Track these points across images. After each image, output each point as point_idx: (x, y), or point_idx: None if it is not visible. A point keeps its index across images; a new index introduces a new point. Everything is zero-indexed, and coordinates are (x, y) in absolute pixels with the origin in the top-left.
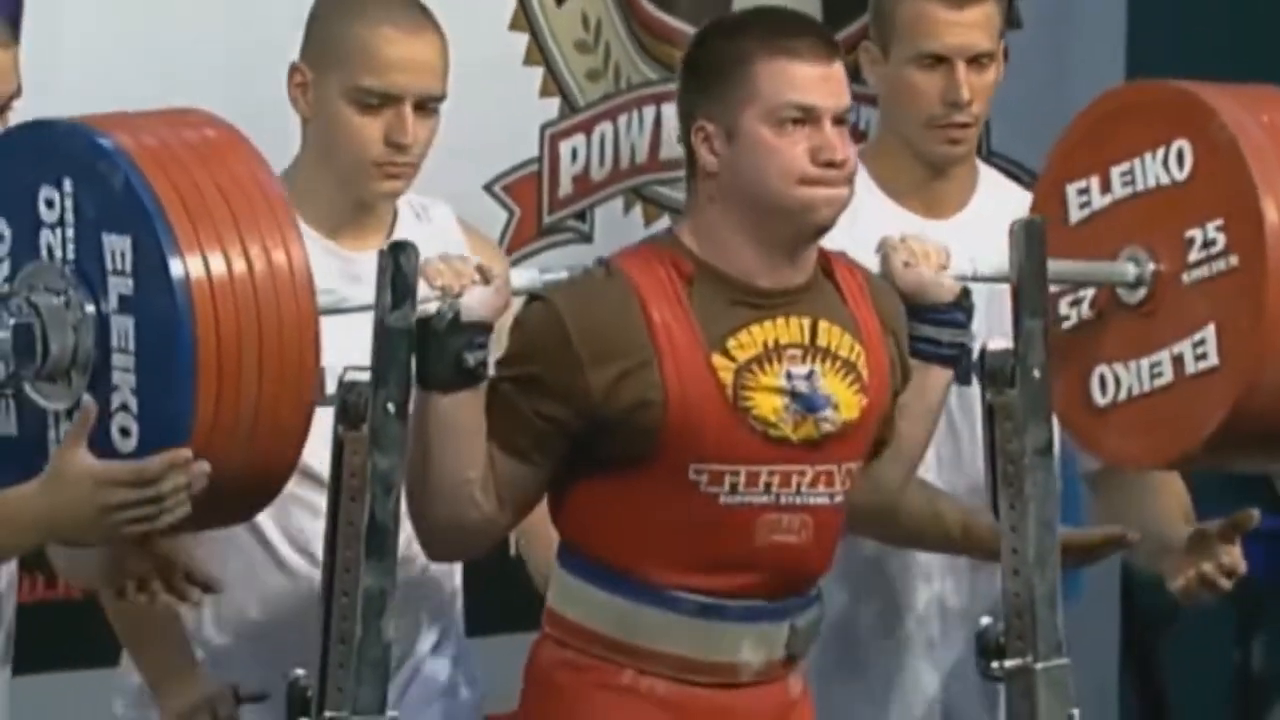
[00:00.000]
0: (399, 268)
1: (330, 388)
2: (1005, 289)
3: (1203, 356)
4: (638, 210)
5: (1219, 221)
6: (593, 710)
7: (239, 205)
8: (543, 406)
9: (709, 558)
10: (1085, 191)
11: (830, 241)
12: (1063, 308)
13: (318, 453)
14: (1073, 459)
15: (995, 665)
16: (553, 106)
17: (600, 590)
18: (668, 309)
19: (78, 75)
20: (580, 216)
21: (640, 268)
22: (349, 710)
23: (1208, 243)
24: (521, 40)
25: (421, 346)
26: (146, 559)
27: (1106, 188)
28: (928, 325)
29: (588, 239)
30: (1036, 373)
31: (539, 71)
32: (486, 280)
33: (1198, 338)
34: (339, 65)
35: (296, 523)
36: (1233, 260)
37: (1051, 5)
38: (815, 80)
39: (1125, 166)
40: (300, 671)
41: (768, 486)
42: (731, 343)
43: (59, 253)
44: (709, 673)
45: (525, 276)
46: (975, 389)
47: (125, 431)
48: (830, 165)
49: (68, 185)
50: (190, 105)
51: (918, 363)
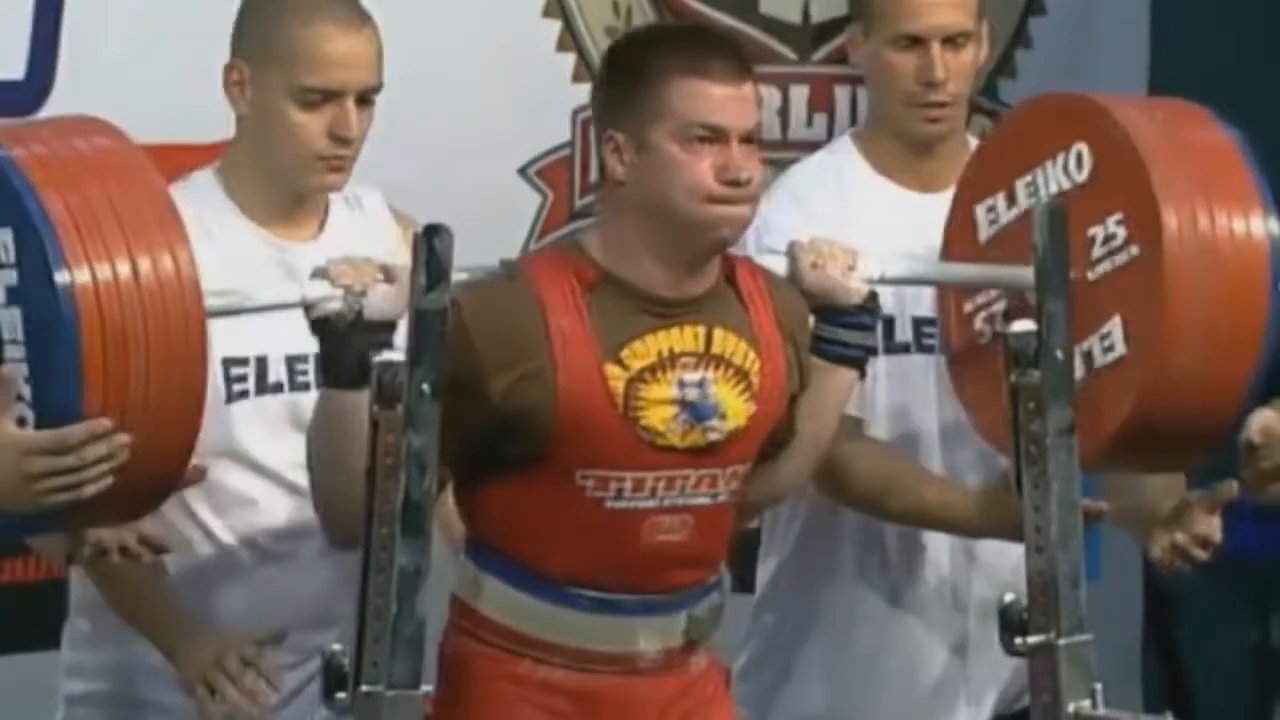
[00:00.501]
0: (432, 251)
1: (275, 375)
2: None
3: (1110, 348)
4: None
5: (1119, 215)
6: (499, 697)
7: (121, 201)
8: (443, 404)
9: (599, 557)
10: (993, 209)
11: (822, 216)
12: (978, 324)
13: (262, 442)
14: None
15: (1018, 641)
16: (584, 92)
17: (503, 584)
18: (566, 316)
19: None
20: None
21: (544, 273)
22: (384, 684)
23: (1109, 238)
24: (554, 27)
25: (324, 345)
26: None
27: (1012, 201)
28: (834, 327)
29: None
30: (1059, 354)
31: (571, 57)
32: (390, 279)
33: (1104, 330)
34: (279, 63)
35: (243, 518)
36: (1133, 251)
37: None
38: (725, 101)
39: (1028, 178)
40: (336, 646)
41: (653, 491)
42: (626, 352)
43: None
44: (608, 662)
45: None
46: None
47: (22, 420)
48: (735, 184)
49: None
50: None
51: (823, 363)
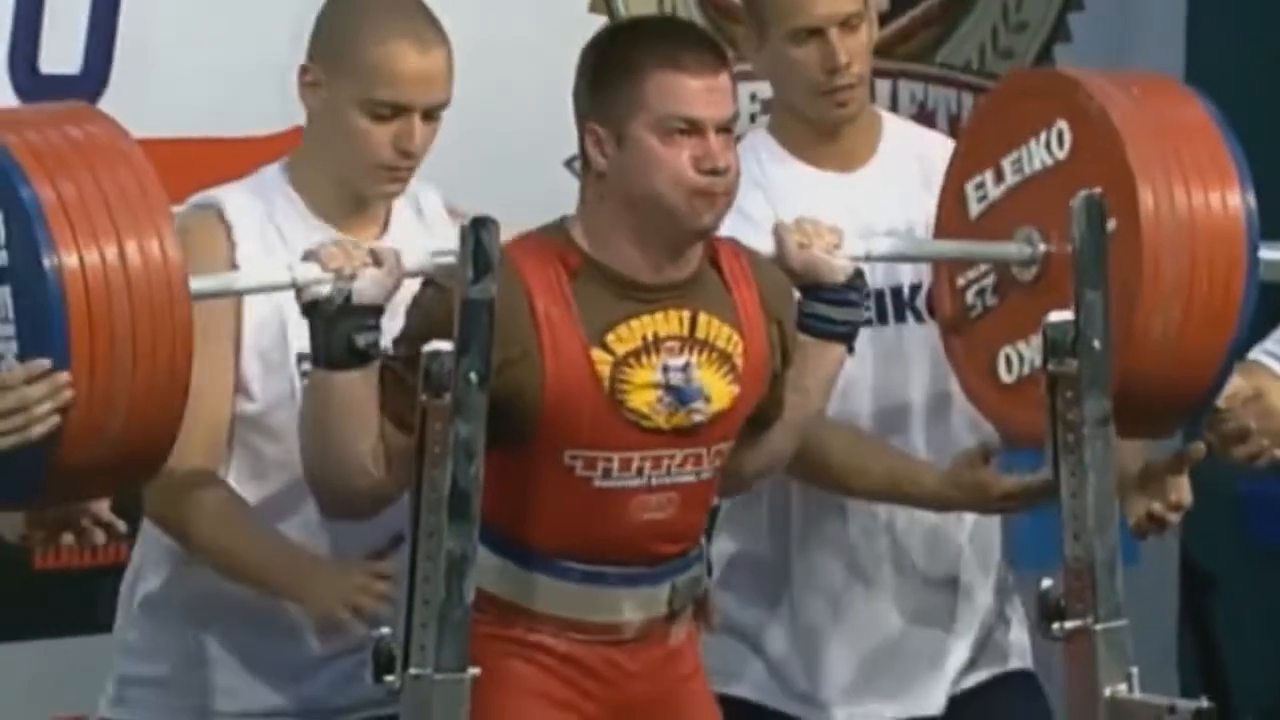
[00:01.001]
0: (479, 242)
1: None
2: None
3: None
4: None
5: (1098, 190)
6: (491, 654)
7: (110, 187)
8: None
9: (586, 533)
10: (981, 186)
11: (751, 213)
12: (969, 298)
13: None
14: None
15: (1055, 626)
16: None
17: (491, 554)
18: (552, 301)
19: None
20: None
21: (529, 259)
22: (431, 668)
23: None
24: (600, 22)
25: (314, 328)
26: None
27: (1000, 178)
28: (822, 304)
29: None
30: (1096, 344)
31: None
32: (378, 263)
33: None
34: (352, 74)
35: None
36: (1111, 224)
37: None
38: (701, 93)
39: (1014, 155)
40: (385, 630)
41: (639, 470)
42: (611, 336)
43: None
44: (594, 631)
45: (418, 260)
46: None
47: None
48: (714, 173)
49: None
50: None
51: (811, 339)
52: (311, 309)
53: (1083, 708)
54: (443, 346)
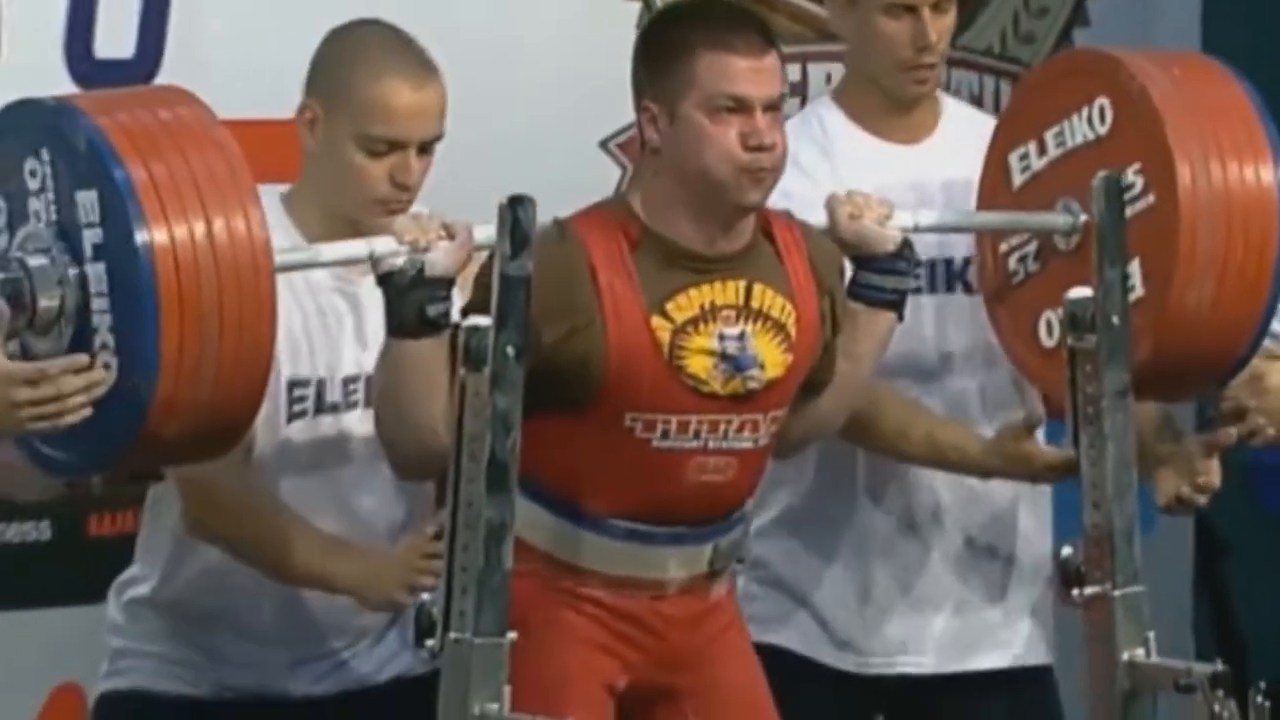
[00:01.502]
0: (516, 220)
1: (332, 397)
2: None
3: (1130, 289)
4: None
5: (1137, 165)
6: (543, 603)
7: (199, 166)
8: None
9: (642, 494)
10: (1025, 157)
11: (812, 171)
12: (1011, 264)
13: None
14: None
15: (1075, 593)
16: None
17: (545, 512)
18: (614, 271)
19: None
20: None
21: (592, 231)
22: (471, 632)
23: (1128, 186)
24: (634, 10)
25: (388, 297)
26: None
27: (1043, 150)
28: (873, 274)
29: None
30: (1115, 319)
31: None
32: (451, 236)
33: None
34: (349, 111)
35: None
36: (1150, 199)
37: None
38: (749, 73)
39: (1057, 129)
40: (426, 597)
41: (696, 433)
42: (670, 305)
43: (44, 215)
44: (639, 587)
45: (487, 233)
46: (961, 299)
47: (107, 367)
48: (759, 149)
49: (45, 154)
50: None
51: (863, 307)
52: (386, 280)
53: (1102, 670)
54: (481, 321)
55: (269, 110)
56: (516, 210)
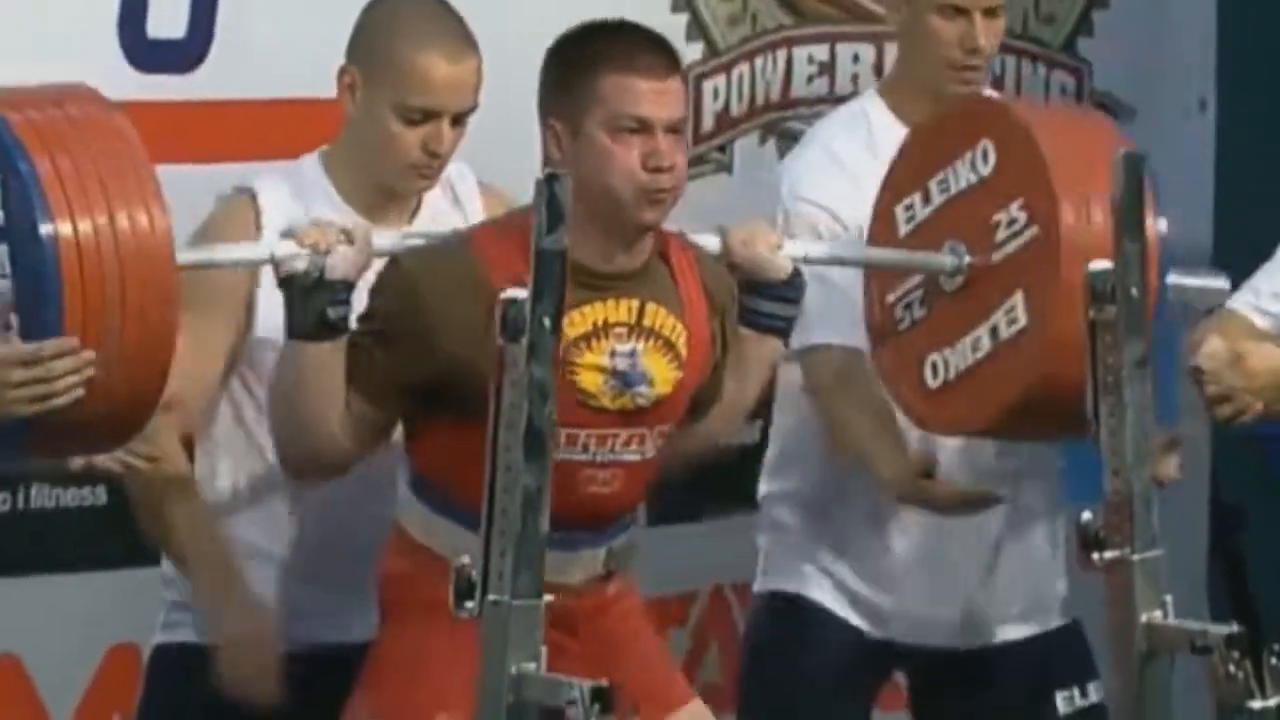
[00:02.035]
0: (553, 195)
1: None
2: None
3: (1014, 321)
4: (772, 143)
5: (1020, 200)
6: (440, 605)
7: (105, 163)
8: (393, 359)
9: None
10: (910, 208)
11: (854, 168)
12: (898, 312)
13: None
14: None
15: (1095, 556)
16: (697, 50)
17: (442, 518)
18: (509, 283)
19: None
20: (721, 149)
21: (491, 242)
22: (508, 594)
23: (1011, 221)
24: (683, 22)
25: (289, 300)
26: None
27: (927, 199)
28: (764, 300)
29: (728, 169)
30: (1134, 291)
31: (684, 18)
32: (350, 241)
33: (1009, 305)
34: (387, 80)
35: None
36: (1033, 231)
37: None
38: (652, 95)
39: (941, 176)
40: (465, 560)
41: (585, 446)
42: (564, 321)
43: None
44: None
45: (388, 239)
46: None
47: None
48: (659, 170)
49: None
50: None
51: (751, 332)
52: (287, 283)
53: (1121, 632)
54: (518, 294)
55: (317, 89)
56: (552, 186)
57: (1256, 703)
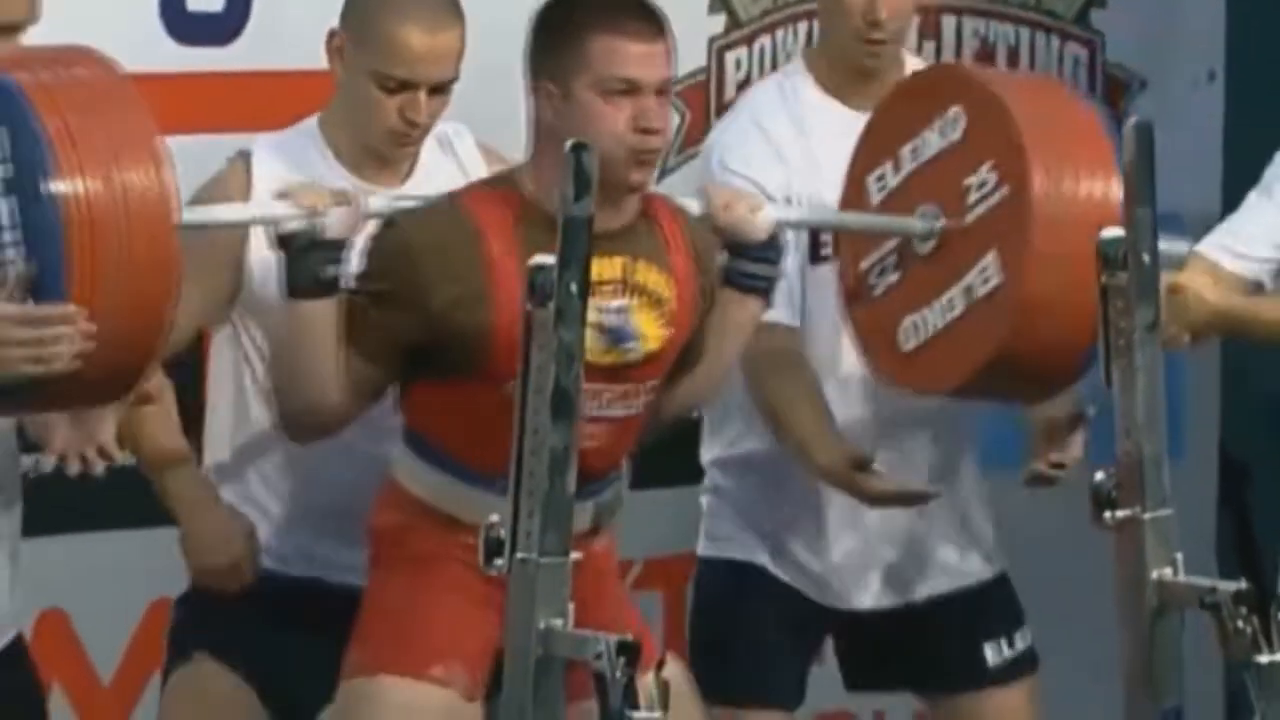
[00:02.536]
0: (580, 164)
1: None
2: None
3: (987, 280)
4: None
5: (990, 163)
6: (428, 557)
7: (113, 123)
8: (388, 319)
9: None
10: (881, 178)
11: (779, 137)
12: (871, 279)
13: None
14: None
15: (1107, 515)
16: (719, 22)
17: (435, 471)
18: (501, 243)
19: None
20: None
21: (482, 203)
22: (536, 552)
23: (982, 184)
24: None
25: (286, 259)
26: (73, 433)
27: (898, 167)
28: (746, 261)
29: None
30: (1146, 257)
31: None
32: (345, 202)
33: (982, 265)
34: (369, 47)
35: None
36: (1004, 191)
37: None
38: (640, 57)
39: (911, 144)
40: (495, 518)
41: None
42: None
43: None
44: None
45: (381, 202)
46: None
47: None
48: (648, 131)
49: None
50: None
51: (733, 292)
52: (284, 242)
53: (1132, 589)
54: (546, 260)
55: None
56: (580, 155)
57: (1264, 657)
